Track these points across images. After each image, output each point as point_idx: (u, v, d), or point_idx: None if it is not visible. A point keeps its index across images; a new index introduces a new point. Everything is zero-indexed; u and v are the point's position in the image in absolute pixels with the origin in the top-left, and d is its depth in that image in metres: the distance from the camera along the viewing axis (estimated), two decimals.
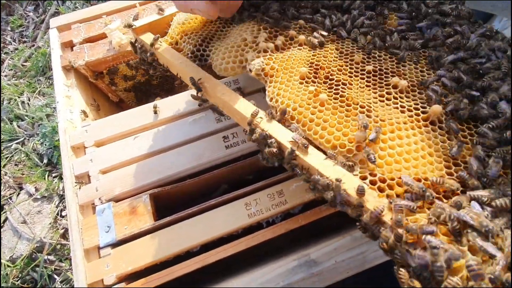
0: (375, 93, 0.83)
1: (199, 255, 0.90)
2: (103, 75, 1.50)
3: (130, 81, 1.60)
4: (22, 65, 2.72)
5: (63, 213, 1.97)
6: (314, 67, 0.88)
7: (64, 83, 1.34)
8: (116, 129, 1.15)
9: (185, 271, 0.88)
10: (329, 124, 0.76)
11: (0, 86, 2.52)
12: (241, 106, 0.85)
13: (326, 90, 0.83)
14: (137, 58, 1.16)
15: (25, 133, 2.32)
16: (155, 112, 1.17)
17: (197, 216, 0.95)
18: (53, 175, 2.12)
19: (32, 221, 1.93)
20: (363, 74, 0.88)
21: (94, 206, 1.01)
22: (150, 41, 1.04)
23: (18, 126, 2.35)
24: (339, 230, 0.93)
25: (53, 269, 1.79)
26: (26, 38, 2.96)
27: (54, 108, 2.34)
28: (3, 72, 2.71)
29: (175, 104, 1.19)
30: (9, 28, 3.03)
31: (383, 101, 0.81)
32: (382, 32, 0.96)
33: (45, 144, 2.20)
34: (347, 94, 0.82)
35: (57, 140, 2.14)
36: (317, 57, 0.91)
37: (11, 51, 2.87)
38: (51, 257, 1.82)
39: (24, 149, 2.23)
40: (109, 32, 1.38)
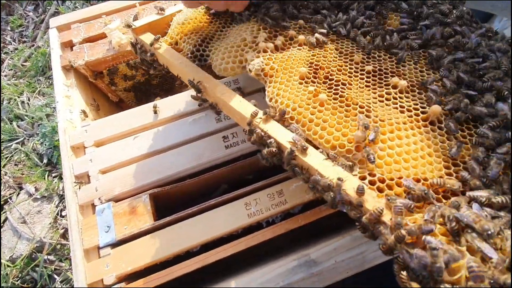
0: (375, 93, 0.83)
1: (199, 255, 0.90)
2: (103, 75, 1.50)
3: (130, 81, 1.60)
4: (22, 65, 2.72)
5: (63, 213, 1.97)
6: (314, 67, 0.88)
7: (64, 83, 1.34)
8: (116, 129, 1.15)
9: (185, 271, 0.88)
10: (329, 124, 0.76)
11: (0, 86, 2.52)
12: (241, 106, 0.85)
13: (326, 90, 0.83)
14: (137, 58, 1.16)
15: (25, 133, 2.32)
16: (155, 112, 1.17)
17: (197, 216, 0.95)
18: (53, 175, 2.12)
19: (32, 221, 1.93)
20: (363, 74, 0.88)
21: (94, 206, 1.01)
22: (150, 41, 1.04)
23: (18, 126, 2.35)
24: (339, 230, 0.93)
25: (53, 269, 1.79)
26: (26, 38, 2.96)
27: (54, 108, 2.34)
28: (3, 72, 2.71)
29: (175, 104, 1.19)
30: (9, 28, 3.03)
31: (383, 101, 0.81)
32: (382, 32, 0.96)
33: (45, 144, 2.20)
34: (347, 94, 0.82)
35: (57, 140, 2.14)
36: (317, 57, 0.91)
37: (11, 51, 2.87)
38: (51, 257, 1.82)
39: (24, 149, 2.23)
40: (109, 32, 1.38)
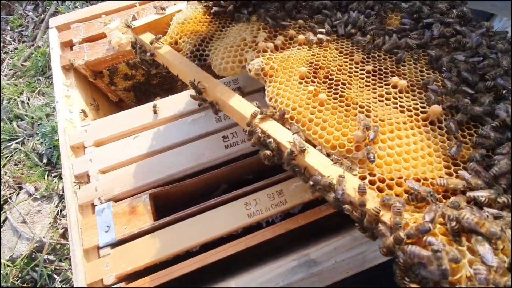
0: (375, 93, 0.83)
1: (199, 255, 0.90)
2: (103, 75, 1.49)
3: (130, 81, 1.60)
4: (22, 65, 2.71)
5: (63, 213, 1.96)
6: (314, 67, 0.88)
7: (64, 83, 1.34)
8: (116, 129, 1.15)
9: (185, 271, 0.88)
10: (329, 124, 0.76)
11: (0, 86, 2.52)
12: (241, 106, 0.85)
13: (326, 90, 0.83)
14: (137, 58, 1.16)
15: (25, 133, 2.32)
16: (155, 112, 1.17)
17: (197, 216, 0.95)
18: (53, 175, 2.11)
19: (32, 221, 1.92)
20: (363, 74, 0.88)
21: (94, 206, 1.01)
22: (150, 41, 1.04)
23: (18, 126, 2.35)
24: (339, 230, 0.93)
25: (53, 269, 1.79)
26: (26, 38, 2.95)
27: (54, 108, 2.33)
28: (3, 72, 2.70)
29: (175, 104, 1.19)
30: (9, 28, 3.03)
31: (383, 101, 0.81)
32: (382, 32, 0.96)
33: (45, 144, 2.20)
34: (347, 94, 0.82)
35: (57, 140, 2.13)
36: (317, 57, 0.91)
37: (11, 51, 2.86)
38: (51, 257, 1.82)
39: (24, 149, 2.23)
40: (109, 32, 1.38)
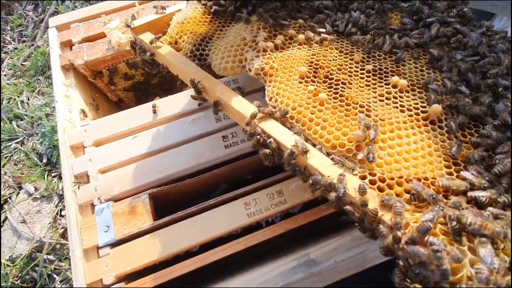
0: (375, 93, 0.83)
1: (199, 255, 0.89)
2: (102, 75, 1.49)
3: (129, 81, 1.60)
4: (22, 65, 2.71)
5: (63, 213, 1.96)
6: (314, 67, 0.88)
7: (63, 83, 1.34)
8: (115, 129, 1.15)
9: (184, 271, 0.88)
10: (329, 124, 0.76)
11: (0, 86, 2.52)
12: (241, 106, 0.85)
13: (326, 90, 0.83)
14: (137, 58, 1.16)
15: (25, 133, 2.32)
16: (154, 112, 1.17)
17: (197, 216, 0.95)
18: (53, 175, 2.11)
19: (32, 221, 1.92)
20: (363, 74, 0.88)
21: (93, 206, 1.01)
22: (150, 40, 1.03)
23: (18, 126, 2.35)
24: (339, 230, 0.93)
25: (53, 269, 1.79)
26: (26, 38, 2.95)
27: (54, 108, 2.33)
28: (3, 72, 2.70)
29: (175, 104, 1.19)
30: (9, 28, 3.02)
31: (383, 101, 0.81)
32: (383, 31, 0.96)
33: (45, 144, 2.20)
34: (347, 94, 0.81)
35: (57, 140, 2.12)
36: (317, 57, 0.91)
37: (11, 51, 2.86)
38: (51, 257, 1.82)
39: (24, 149, 2.22)
40: (108, 32, 1.38)
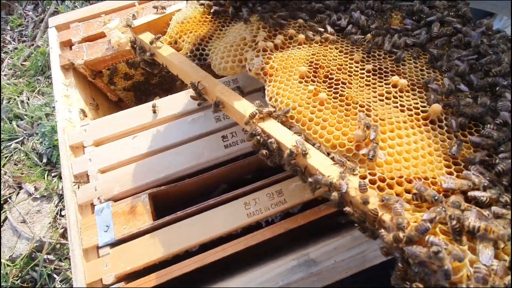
0: (375, 92, 0.83)
1: (198, 255, 0.89)
2: (102, 74, 1.49)
3: (129, 80, 1.59)
4: (22, 65, 2.71)
5: (63, 213, 1.96)
6: (314, 66, 0.88)
7: (63, 82, 1.34)
8: (115, 129, 1.14)
9: (184, 271, 0.87)
10: (329, 124, 0.76)
11: (0, 86, 2.52)
12: (240, 106, 0.85)
13: (326, 89, 0.83)
14: (137, 57, 1.16)
15: (25, 133, 2.32)
16: (154, 112, 1.16)
17: (196, 216, 0.95)
18: (53, 175, 2.11)
19: (32, 221, 1.92)
20: (363, 73, 0.87)
21: (93, 206, 1.01)
22: (150, 40, 1.03)
23: (18, 126, 2.35)
24: (339, 230, 0.92)
25: (53, 269, 1.79)
26: (26, 38, 2.95)
27: (54, 108, 2.32)
28: (3, 72, 2.70)
29: (174, 104, 1.19)
30: (9, 28, 3.02)
31: (383, 100, 0.81)
32: (384, 31, 0.96)
33: (45, 144, 2.20)
34: (347, 93, 0.81)
35: (57, 140, 2.12)
36: (317, 56, 0.91)
37: (11, 51, 2.86)
38: (51, 257, 1.82)
39: (24, 149, 2.22)
40: (108, 31, 1.38)
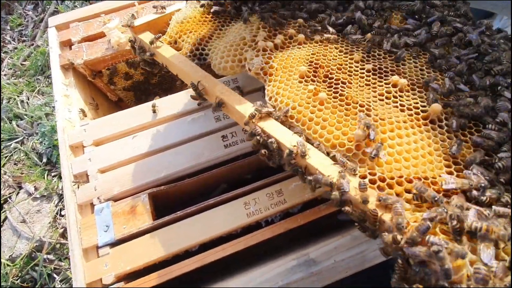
0: (375, 92, 0.83)
1: (198, 255, 0.89)
2: (102, 74, 1.49)
3: (129, 80, 1.59)
4: (21, 64, 2.71)
5: (63, 212, 1.96)
6: (314, 66, 0.88)
7: (63, 82, 1.34)
8: (115, 128, 1.14)
9: (184, 271, 0.87)
10: (329, 123, 0.76)
11: (0, 85, 2.52)
12: (240, 106, 0.85)
13: (326, 89, 0.83)
14: (136, 57, 1.15)
15: (24, 132, 2.32)
16: (154, 111, 1.16)
17: (196, 216, 0.95)
18: (52, 174, 2.11)
19: (32, 220, 1.92)
20: (363, 73, 0.87)
21: (93, 206, 1.01)
22: (150, 40, 1.03)
23: (17, 125, 2.34)
24: (339, 229, 0.92)
25: (53, 268, 1.79)
26: (25, 37, 2.95)
27: (54, 107, 2.32)
28: (2, 71, 2.70)
29: (174, 103, 1.19)
30: (9, 27, 3.02)
31: (383, 100, 0.81)
32: (384, 31, 0.96)
33: (44, 143, 2.19)
34: (347, 93, 0.81)
35: (57, 139, 2.11)
36: (317, 56, 0.91)
37: (10, 50, 2.86)
38: (51, 256, 1.82)
39: (24, 148, 2.22)
40: (108, 31, 1.38)
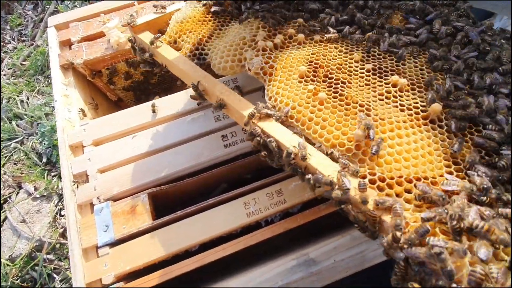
0: (375, 92, 0.82)
1: (198, 255, 0.89)
2: (101, 74, 1.49)
3: (129, 80, 1.59)
4: (21, 64, 2.70)
5: (62, 212, 1.96)
6: (313, 66, 0.88)
7: (62, 82, 1.34)
8: (114, 128, 1.14)
9: (184, 271, 0.87)
10: (329, 123, 0.75)
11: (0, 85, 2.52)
12: (240, 106, 0.85)
13: (326, 89, 0.83)
14: (136, 57, 1.15)
15: (24, 132, 2.31)
16: (154, 111, 1.16)
17: (196, 215, 0.95)
18: (52, 174, 2.11)
19: (32, 220, 1.92)
20: (363, 73, 0.87)
21: (93, 205, 1.01)
22: (150, 40, 1.03)
23: (17, 125, 2.34)
24: (339, 229, 0.92)
25: (53, 268, 1.79)
26: (25, 37, 2.94)
27: (53, 107, 2.32)
28: (2, 71, 2.70)
29: (174, 103, 1.19)
30: (8, 27, 3.02)
31: (383, 100, 0.80)
32: (384, 31, 0.96)
33: (44, 143, 2.19)
34: (347, 93, 0.81)
35: (56, 139, 2.12)
36: (316, 56, 0.91)
37: (10, 50, 2.85)
38: (51, 256, 1.82)
39: (23, 148, 2.22)
40: (107, 31, 1.38)
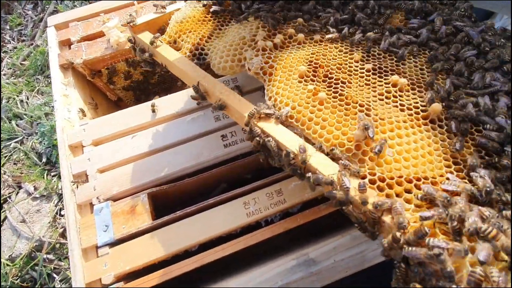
0: (375, 92, 0.82)
1: (198, 255, 0.89)
2: (101, 74, 1.49)
3: (128, 80, 1.59)
4: (21, 64, 2.70)
5: (62, 212, 1.96)
6: (313, 66, 0.88)
7: (62, 82, 1.34)
8: (114, 128, 1.14)
9: (184, 271, 0.87)
10: (328, 123, 0.75)
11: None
12: (240, 106, 0.85)
13: (325, 89, 0.83)
14: (136, 57, 1.15)
15: (24, 132, 2.31)
16: (153, 111, 1.16)
17: (196, 215, 0.95)
18: (52, 174, 2.11)
19: (31, 220, 1.92)
20: (363, 73, 0.87)
21: (92, 205, 1.01)
22: (149, 40, 1.03)
23: (17, 125, 2.34)
24: (338, 229, 0.92)
25: (52, 268, 1.79)
26: (25, 37, 2.94)
27: (53, 107, 2.32)
28: (2, 71, 2.69)
29: (173, 103, 1.19)
30: (8, 27, 3.02)
31: (383, 100, 0.80)
32: (384, 30, 0.96)
33: (44, 143, 2.19)
34: (347, 93, 0.81)
35: (56, 139, 2.12)
36: (316, 56, 0.90)
37: (10, 50, 2.85)
38: (50, 256, 1.82)
39: (23, 148, 2.22)
40: (107, 30, 1.37)
